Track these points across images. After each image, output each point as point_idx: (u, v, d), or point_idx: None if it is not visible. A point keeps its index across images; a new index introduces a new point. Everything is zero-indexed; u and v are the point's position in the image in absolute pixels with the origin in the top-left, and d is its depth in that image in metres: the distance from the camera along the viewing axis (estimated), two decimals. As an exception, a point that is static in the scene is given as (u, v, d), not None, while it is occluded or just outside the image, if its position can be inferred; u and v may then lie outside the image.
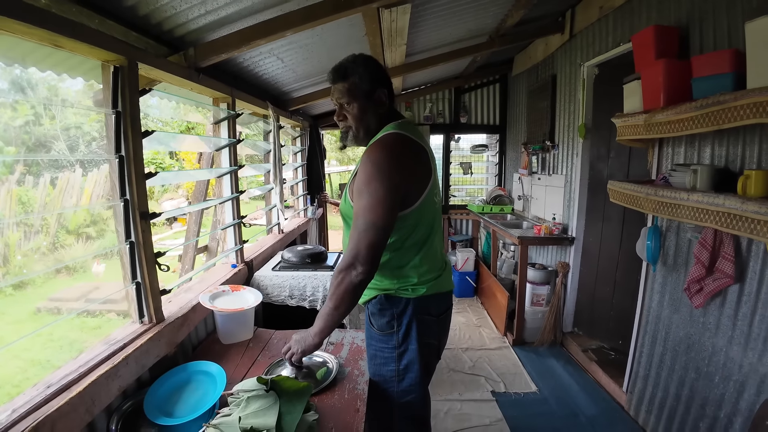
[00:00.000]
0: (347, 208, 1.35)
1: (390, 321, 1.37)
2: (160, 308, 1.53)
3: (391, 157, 1.24)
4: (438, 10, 2.48)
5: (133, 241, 1.42)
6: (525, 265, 3.36)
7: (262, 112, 2.83)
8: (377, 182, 1.20)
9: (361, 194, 1.22)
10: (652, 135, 1.99)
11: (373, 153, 1.25)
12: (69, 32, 1.13)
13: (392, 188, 1.21)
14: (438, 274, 1.40)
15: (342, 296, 1.22)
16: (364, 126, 1.36)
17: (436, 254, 1.42)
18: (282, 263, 2.42)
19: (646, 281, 2.42)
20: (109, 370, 1.21)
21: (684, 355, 2.08)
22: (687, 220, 1.79)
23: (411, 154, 1.30)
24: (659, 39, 2.05)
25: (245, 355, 1.69)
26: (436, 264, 1.41)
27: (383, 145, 1.27)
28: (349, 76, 1.32)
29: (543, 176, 3.89)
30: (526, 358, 3.20)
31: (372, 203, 1.19)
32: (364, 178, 1.22)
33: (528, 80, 4.37)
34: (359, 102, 1.33)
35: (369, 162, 1.23)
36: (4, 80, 10.55)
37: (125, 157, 1.37)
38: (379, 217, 1.19)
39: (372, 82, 1.33)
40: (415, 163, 1.30)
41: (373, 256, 1.20)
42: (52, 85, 11.81)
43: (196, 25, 1.66)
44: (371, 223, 1.19)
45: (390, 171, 1.22)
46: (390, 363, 1.40)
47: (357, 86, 1.32)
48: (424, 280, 1.36)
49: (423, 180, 1.31)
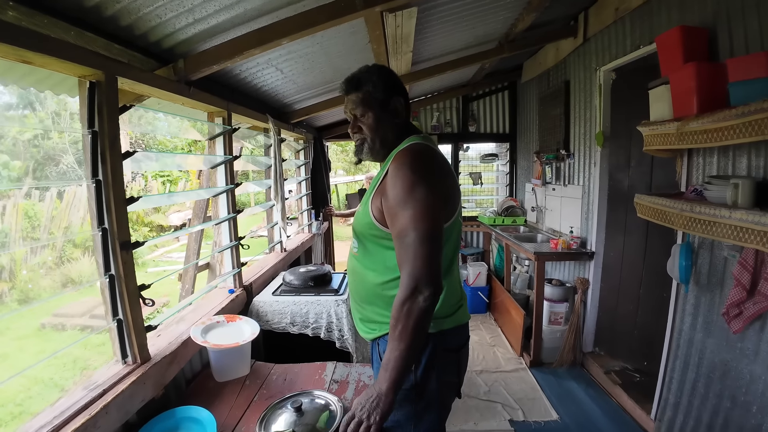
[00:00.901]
0: (364, 225, 1.23)
1: None
2: (145, 346, 1.38)
3: (430, 163, 1.16)
4: (445, 15, 2.34)
5: (113, 275, 1.28)
6: (542, 282, 3.18)
7: (262, 126, 2.70)
8: (423, 187, 1.08)
9: (404, 205, 1.08)
10: (685, 145, 1.83)
11: (406, 158, 1.14)
12: (36, 46, 1.00)
13: (440, 194, 1.12)
14: (459, 305, 1.29)
15: (414, 330, 1.03)
16: (379, 137, 1.27)
17: (457, 281, 1.31)
18: (283, 287, 2.28)
19: (677, 302, 2.24)
20: (86, 422, 1.08)
21: (719, 382, 1.92)
22: (726, 240, 1.62)
23: (445, 163, 1.23)
24: (687, 40, 1.92)
25: (241, 394, 1.53)
26: (457, 293, 1.29)
27: (416, 151, 1.17)
28: (362, 86, 1.25)
29: (558, 186, 3.72)
30: (545, 381, 3.01)
31: (421, 211, 1.06)
32: (404, 185, 1.09)
33: (539, 87, 4.21)
34: (374, 112, 1.25)
35: (405, 168, 1.11)
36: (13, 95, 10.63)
37: (103, 181, 1.24)
38: (432, 226, 1.06)
39: (387, 91, 1.25)
40: (448, 172, 1.23)
41: (437, 272, 1.05)
42: (61, 99, 11.88)
43: (185, 36, 1.53)
44: (426, 234, 1.04)
45: (434, 175, 1.13)
46: (405, 405, 1.21)
47: (371, 95, 1.25)
48: (446, 312, 1.23)
49: (455, 192, 1.24)
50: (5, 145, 10.41)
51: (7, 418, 4.00)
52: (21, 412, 4.11)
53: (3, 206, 8.26)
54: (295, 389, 1.53)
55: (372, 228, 1.20)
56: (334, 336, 2.05)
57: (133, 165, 1.41)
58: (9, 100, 11.01)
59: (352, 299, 1.37)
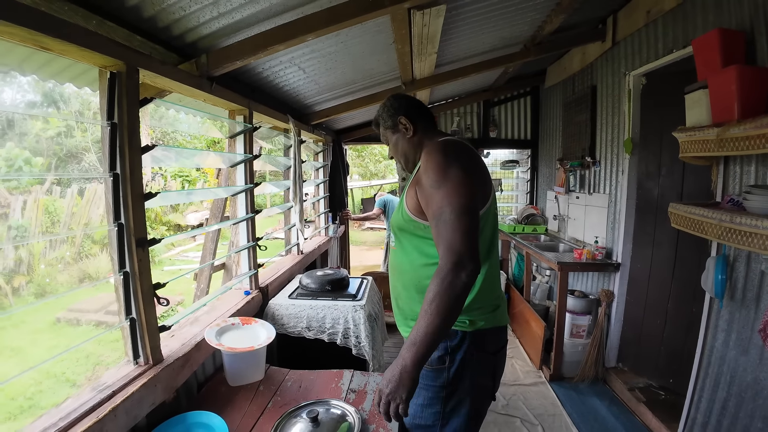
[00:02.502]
0: (401, 221, 1.28)
1: (442, 355, 1.20)
2: (158, 348, 1.34)
3: (461, 150, 1.20)
4: (472, 15, 2.27)
5: (127, 272, 1.24)
6: (564, 293, 3.06)
7: (282, 126, 2.67)
8: (453, 168, 1.11)
9: (438, 185, 1.10)
10: (725, 152, 1.73)
11: (436, 146, 1.19)
12: (54, 32, 0.97)
13: (470, 171, 1.14)
14: (497, 305, 1.28)
15: (453, 305, 1.00)
16: (401, 155, 1.41)
17: (497, 279, 1.31)
18: (300, 290, 2.22)
19: (710, 317, 2.13)
20: (93, 425, 1.03)
21: (751, 402, 1.83)
22: (766, 252, 1.52)
23: (475, 154, 1.25)
24: (725, 43, 1.84)
25: (254, 401, 1.47)
26: (496, 291, 1.30)
27: (444, 142, 1.23)
28: (379, 123, 1.45)
29: (582, 195, 3.61)
30: (566, 396, 2.89)
31: (455, 186, 1.08)
32: (436, 167, 1.13)
33: (563, 92, 4.11)
34: (392, 138, 1.42)
35: (435, 153, 1.16)
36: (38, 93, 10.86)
37: (120, 175, 1.20)
38: (467, 198, 1.07)
39: (391, 117, 1.38)
40: (478, 162, 1.24)
41: (475, 246, 1.04)
42: (85, 99, 12.12)
43: (209, 30, 1.49)
44: (461, 208, 1.05)
45: (462, 157, 1.16)
46: (435, 404, 1.21)
47: (385, 127, 1.42)
48: (484, 311, 1.23)
49: (487, 183, 1.24)
50: (28, 142, 10.65)
51: (16, 411, 4.01)
52: (30, 405, 4.11)
53: (24, 201, 8.43)
54: (310, 397, 1.47)
55: (409, 222, 1.23)
56: (350, 342, 1.99)
57: (153, 161, 1.37)
58: (33, 98, 11.26)
59: (394, 302, 1.38)
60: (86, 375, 4.81)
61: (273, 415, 1.37)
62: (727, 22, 2.01)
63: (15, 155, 9.26)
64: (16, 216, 8.19)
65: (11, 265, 7.33)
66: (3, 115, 10.06)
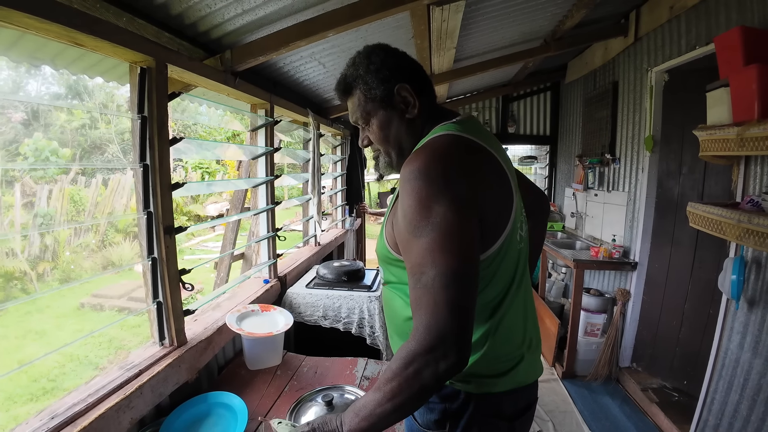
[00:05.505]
0: (381, 249, 0.95)
1: (440, 419, 0.91)
2: (182, 330, 1.40)
3: (456, 161, 0.80)
4: (492, 10, 2.27)
5: (155, 258, 1.30)
6: (580, 291, 3.06)
7: (302, 120, 2.71)
8: (443, 203, 0.75)
9: (416, 229, 0.76)
10: (745, 151, 1.71)
11: (417, 163, 0.79)
12: (88, 29, 1.02)
13: (465, 204, 0.76)
14: (518, 359, 0.90)
15: (414, 398, 0.73)
16: (392, 143, 0.97)
17: (517, 325, 0.92)
18: (317, 279, 2.28)
19: (725, 319, 2.11)
20: (120, 401, 1.09)
21: (763, 405, 1.82)
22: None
23: (479, 161, 0.84)
24: (747, 41, 1.80)
25: (272, 384, 1.54)
26: (515, 341, 0.91)
27: (432, 150, 0.82)
28: (352, 88, 0.98)
29: (601, 192, 3.57)
30: (578, 395, 2.90)
31: (439, 238, 0.74)
32: (415, 202, 0.76)
33: (584, 88, 4.07)
34: (376, 114, 0.96)
35: (414, 178, 0.77)
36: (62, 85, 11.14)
37: (150, 166, 1.26)
38: (457, 258, 0.73)
39: (383, 82, 0.93)
40: (486, 173, 0.84)
41: (465, 326, 0.72)
42: (108, 92, 12.42)
43: (233, 26, 1.54)
44: (448, 272, 0.72)
45: (452, 178, 0.77)
46: None
47: (366, 96, 0.95)
48: (496, 370, 0.88)
49: (502, 202, 0.85)
50: (53, 133, 10.97)
51: (39, 393, 4.15)
52: (53, 387, 4.27)
53: (50, 190, 8.71)
54: (325, 383, 1.53)
55: (390, 255, 0.91)
56: (365, 332, 2.04)
57: (176, 153, 1.43)
58: (57, 90, 11.56)
59: (388, 331, 1.08)
60: (108, 358, 4.98)
61: (290, 398, 1.43)
62: (750, 20, 1.98)
63: (42, 146, 9.56)
64: (42, 204, 8.48)
65: (36, 251, 7.61)
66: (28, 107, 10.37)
